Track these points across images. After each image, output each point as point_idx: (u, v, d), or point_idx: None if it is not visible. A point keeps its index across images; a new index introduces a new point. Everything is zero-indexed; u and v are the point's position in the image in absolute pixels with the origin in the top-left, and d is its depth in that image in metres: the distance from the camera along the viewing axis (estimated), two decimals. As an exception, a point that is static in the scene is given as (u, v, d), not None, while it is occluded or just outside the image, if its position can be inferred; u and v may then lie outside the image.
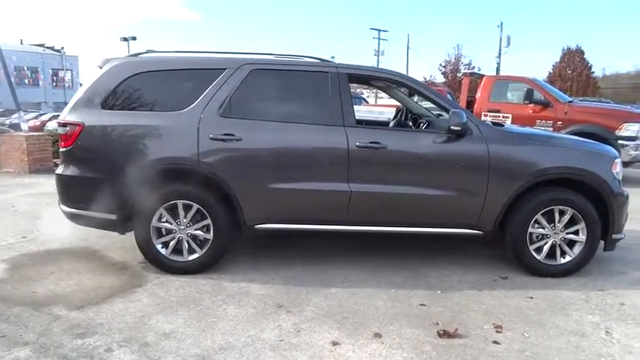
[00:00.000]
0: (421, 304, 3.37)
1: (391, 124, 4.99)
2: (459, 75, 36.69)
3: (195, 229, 3.76)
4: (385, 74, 4.18)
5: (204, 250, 3.77)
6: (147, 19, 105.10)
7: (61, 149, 3.86)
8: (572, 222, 3.85)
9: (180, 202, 3.71)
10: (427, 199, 3.78)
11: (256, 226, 3.80)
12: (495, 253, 4.30)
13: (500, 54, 35.08)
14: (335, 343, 2.82)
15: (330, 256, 4.26)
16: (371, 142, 3.70)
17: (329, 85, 3.80)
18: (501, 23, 34.91)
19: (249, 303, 3.33)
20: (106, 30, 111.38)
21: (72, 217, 3.89)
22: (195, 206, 3.71)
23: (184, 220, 3.74)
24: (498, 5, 78.03)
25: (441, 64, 38.40)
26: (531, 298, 3.51)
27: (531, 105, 8.53)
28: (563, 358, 2.72)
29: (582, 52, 40.34)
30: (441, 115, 4.67)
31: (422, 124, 4.54)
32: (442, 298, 3.47)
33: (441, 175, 3.79)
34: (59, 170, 3.87)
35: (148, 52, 4.04)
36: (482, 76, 9.73)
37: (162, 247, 3.77)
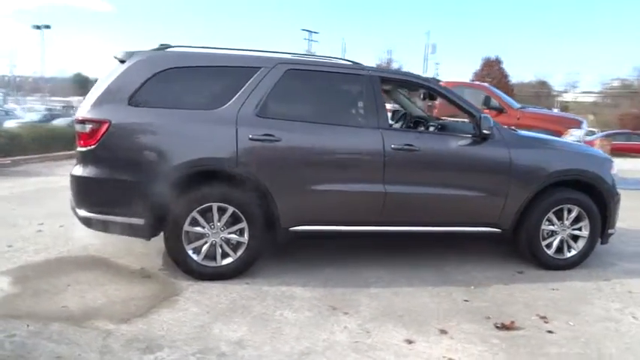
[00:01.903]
0: (465, 300, 3.51)
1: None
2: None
3: (229, 233, 3.63)
4: (415, 79, 4.28)
5: (239, 254, 3.64)
6: (52, 4, 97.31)
7: (79, 148, 3.53)
8: (577, 219, 4.20)
9: (215, 205, 3.55)
10: (455, 199, 3.95)
11: (290, 229, 3.74)
12: (500, 250, 4.58)
13: (425, 59, 36.85)
14: (409, 341, 2.87)
15: (354, 256, 4.29)
16: (405, 145, 3.79)
17: (364, 88, 3.83)
18: (429, 31, 36.71)
19: (301, 306, 3.27)
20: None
21: (90, 222, 3.58)
22: (231, 209, 3.57)
23: (218, 224, 3.59)
24: (425, 14, 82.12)
25: None
26: (554, 290, 3.79)
27: (487, 110, 9.10)
28: (614, 343, 2.98)
29: (500, 62, 43.82)
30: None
31: (432, 127, 4.71)
32: (479, 294, 3.64)
33: (468, 177, 3.97)
34: (77, 171, 3.54)
35: (172, 46, 3.82)
36: (439, 81, 10.20)
37: (194, 253, 3.59)
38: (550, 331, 3.08)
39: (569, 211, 4.17)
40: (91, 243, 4.29)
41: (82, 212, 3.56)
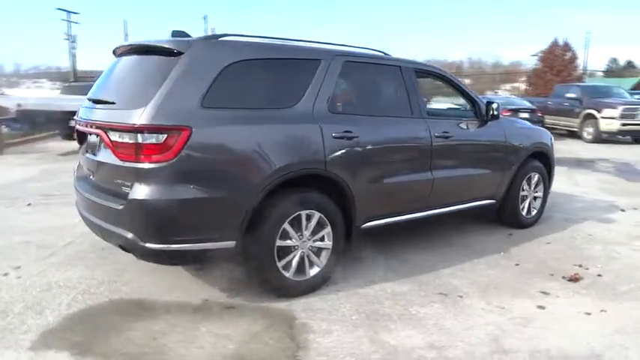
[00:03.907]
0: (516, 264, 4.00)
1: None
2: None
3: (315, 240, 3.34)
4: (434, 69, 4.46)
5: (324, 261, 3.39)
6: None
7: (145, 165, 2.74)
8: (537, 184, 5.12)
9: (304, 213, 3.22)
10: (475, 177, 4.41)
11: (362, 227, 3.64)
12: (469, 222, 5.18)
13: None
14: (540, 307, 3.20)
15: (387, 247, 4.33)
16: (443, 132, 4.04)
17: (406, 79, 3.90)
18: (206, 16, 36.07)
19: (418, 300, 3.27)
20: None
21: (166, 256, 2.86)
22: (317, 215, 3.29)
23: (306, 233, 3.27)
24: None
25: None
26: (548, 243, 4.59)
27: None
28: None
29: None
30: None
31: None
32: (513, 258, 4.17)
33: (483, 156, 4.47)
34: (147, 194, 2.74)
35: (227, 34, 3.21)
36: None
37: (284, 269, 3.20)
38: (599, 275, 3.80)
39: (533, 178, 5.05)
40: (95, 285, 3.38)
41: (155, 245, 2.79)
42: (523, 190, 4.95)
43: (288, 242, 3.19)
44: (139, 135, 2.72)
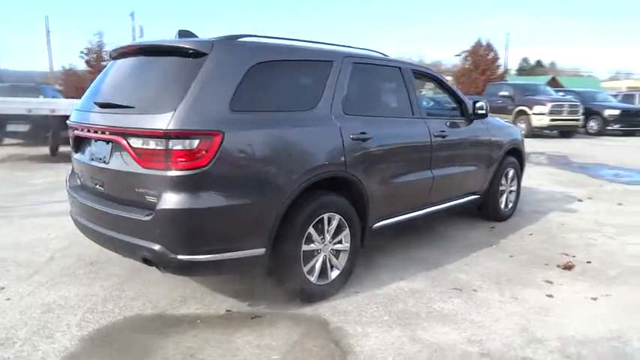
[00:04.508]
0: (510, 256, 4.20)
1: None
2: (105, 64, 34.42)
3: (335, 243, 3.32)
4: (428, 71, 4.55)
5: (343, 263, 3.38)
6: None
7: (177, 172, 2.57)
8: (512, 177, 5.39)
9: (326, 216, 3.19)
10: (467, 174, 4.58)
11: (373, 227, 3.66)
12: (454, 216, 5.39)
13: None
14: (549, 296, 3.39)
15: (393, 242, 4.39)
16: (440, 131, 4.16)
17: (406, 80, 3.97)
18: (133, 13, 34.46)
19: (438, 297, 3.33)
20: None
21: (199, 267, 2.72)
22: (337, 217, 3.27)
23: (327, 236, 3.24)
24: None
25: (82, 52, 35.00)
26: (531, 234, 4.86)
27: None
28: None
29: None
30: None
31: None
32: (506, 249, 4.37)
33: (473, 153, 4.64)
34: (178, 204, 2.57)
35: (245, 35, 3.08)
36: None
37: (309, 274, 3.15)
38: (589, 262, 4.07)
39: (509, 173, 5.32)
40: (100, 302, 3.16)
41: (187, 257, 2.64)
42: (502, 185, 5.19)
43: (312, 246, 3.15)
44: (169, 141, 2.56)
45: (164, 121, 2.57)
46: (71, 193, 3.33)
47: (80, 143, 3.26)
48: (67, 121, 3.38)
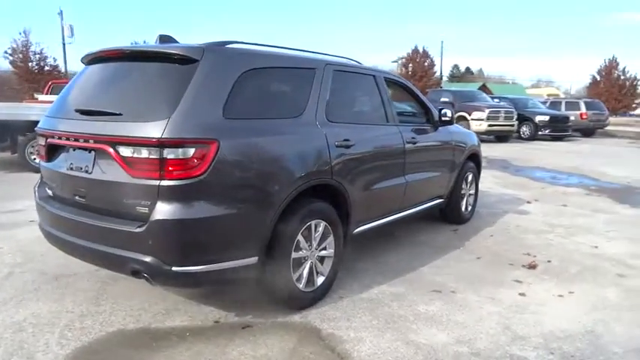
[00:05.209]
0: (477, 258, 4.39)
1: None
2: (33, 65, 32.44)
3: (321, 250, 3.34)
4: (398, 79, 4.64)
5: (327, 270, 3.40)
6: None
7: (172, 182, 2.49)
8: (471, 181, 5.65)
9: (313, 223, 3.20)
10: (434, 179, 4.74)
11: (354, 233, 3.71)
12: (417, 221, 5.56)
13: (64, 44, 32.85)
14: (522, 294, 3.58)
15: (365, 248, 4.45)
16: (412, 138, 4.28)
17: (380, 87, 4.06)
18: (61, 11, 32.56)
19: (420, 299, 3.43)
20: None
21: (194, 278, 2.64)
22: (323, 224, 3.29)
23: (314, 243, 3.25)
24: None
25: (7, 52, 32.80)
26: (492, 235, 5.11)
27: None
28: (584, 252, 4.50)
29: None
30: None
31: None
32: (472, 251, 4.57)
33: (440, 158, 4.82)
34: (173, 214, 2.48)
35: (232, 42, 3.02)
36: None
37: (297, 282, 3.15)
38: (549, 261, 4.34)
39: (469, 177, 5.56)
40: (76, 319, 3.00)
41: (182, 268, 2.56)
42: (463, 188, 5.42)
43: (300, 253, 3.15)
44: (163, 149, 2.48)
45: (158, 130, 2.48)
46: (41, 204, 3.13)
47: (54, 151, 3.07)
48: (36, 128, 3.17)
